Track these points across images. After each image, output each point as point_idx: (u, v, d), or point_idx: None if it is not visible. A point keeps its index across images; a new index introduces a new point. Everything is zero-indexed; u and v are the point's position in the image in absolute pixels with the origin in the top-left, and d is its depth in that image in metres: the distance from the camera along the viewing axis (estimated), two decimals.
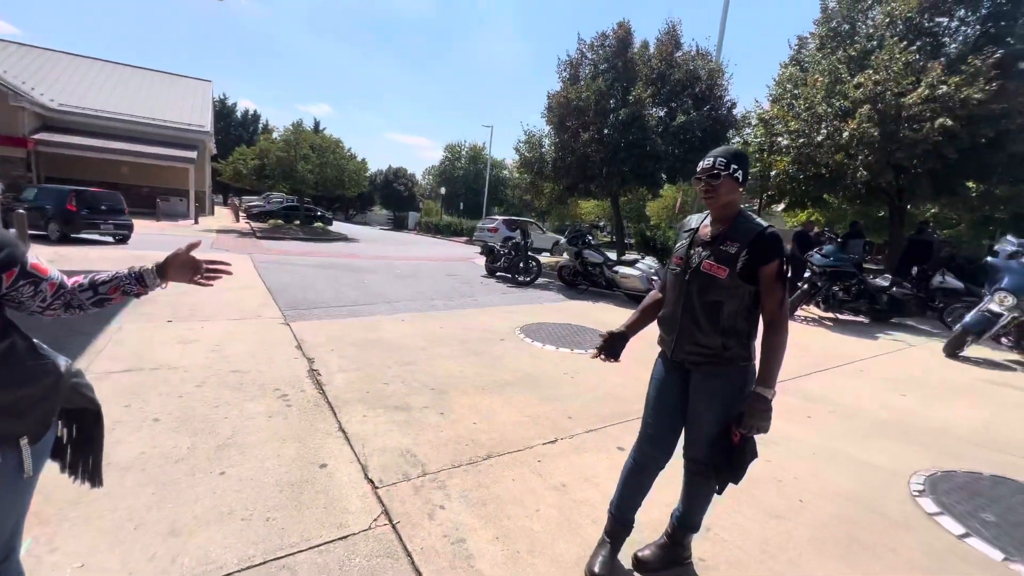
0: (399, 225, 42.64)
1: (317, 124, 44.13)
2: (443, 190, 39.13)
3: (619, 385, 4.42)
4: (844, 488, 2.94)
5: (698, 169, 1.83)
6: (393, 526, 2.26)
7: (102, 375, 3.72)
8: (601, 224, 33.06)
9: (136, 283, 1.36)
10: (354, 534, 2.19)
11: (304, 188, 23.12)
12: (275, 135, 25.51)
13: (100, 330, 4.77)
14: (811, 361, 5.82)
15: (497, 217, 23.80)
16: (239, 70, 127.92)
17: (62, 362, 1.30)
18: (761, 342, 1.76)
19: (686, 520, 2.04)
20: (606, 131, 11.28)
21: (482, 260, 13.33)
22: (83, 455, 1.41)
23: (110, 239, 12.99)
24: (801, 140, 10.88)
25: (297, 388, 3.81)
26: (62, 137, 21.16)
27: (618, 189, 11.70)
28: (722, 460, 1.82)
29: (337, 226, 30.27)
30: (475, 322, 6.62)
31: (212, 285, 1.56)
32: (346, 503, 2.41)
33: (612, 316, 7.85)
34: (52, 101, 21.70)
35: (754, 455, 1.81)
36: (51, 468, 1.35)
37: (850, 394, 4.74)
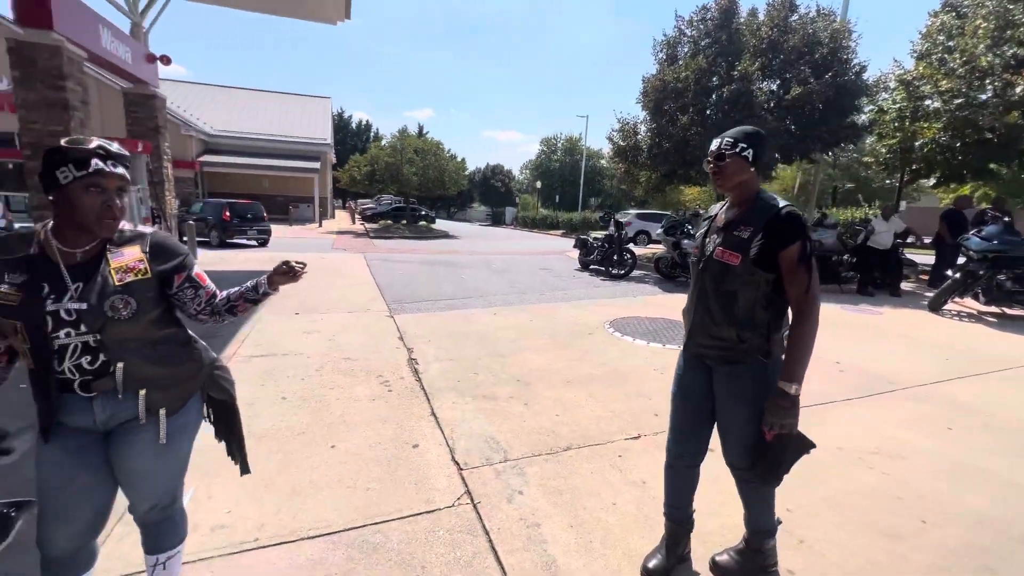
0: (497, 220, 43.92)
1: (421, 128, 47.10)
2: (539, 184, 39.48)
3: None
4: (980, 511, 2.51)
5: (708, 152, 1.78)
6: (474, 505, 2.43)
7: (246, 359, 4.44)
8: (703, 211, 31.00)
9: (254, 292, 1.62)
10: (439, 509, 2.40)
11: (409, 190, 24.89)
12: (383, 142, 27.78)
13: (245, 320, 5.66)
14: (962, 364, 4.96)
15: (631, 211, 23.74)
16: (353, 84, 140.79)
17: (209, 355, 1.62)
18: (789, 333, 1.62)
19: (751, 524, 1.92)
20: (708, 112, 10.54)
21: (574, 254, 13.28)
22: (229, 441, 1.73)
23: (254, 243, 15.21)
24: (957, 101, 9.17)
25: (397, 375, 4.20)
26: (219, 158, 25.18)
27: None
28: (760, 460, 1.70)
29: (440, 224, 32.13)
30: (565, 315, 6.67)
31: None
32: (434, 481, 2.64)
33: None
34: (211, 128, 25.87)
35: (799, 451, 1.68)
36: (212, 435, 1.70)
37: (1010, 405, 3.97)
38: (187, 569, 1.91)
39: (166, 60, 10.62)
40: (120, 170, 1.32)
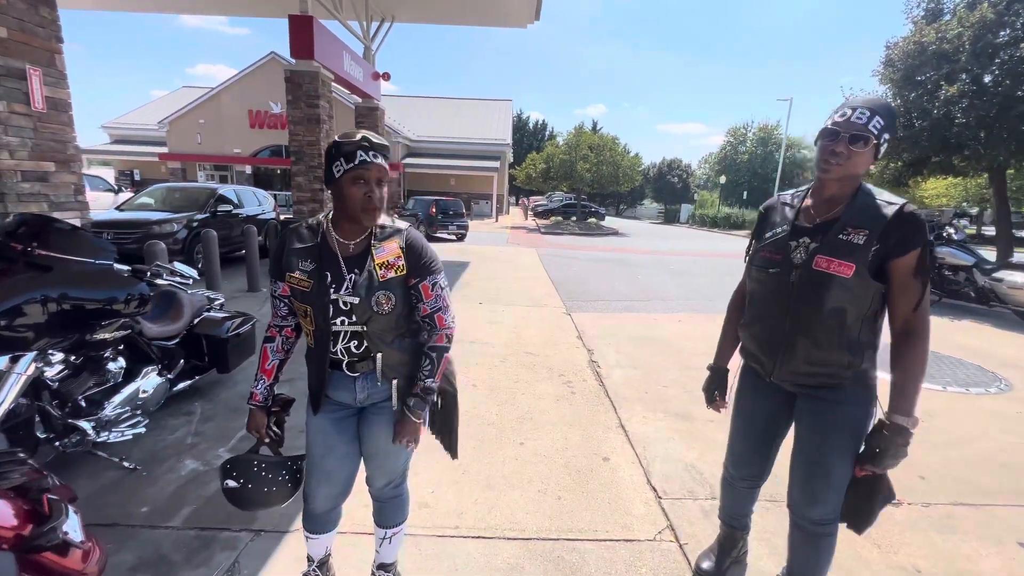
0: (670, 218, 41.35)
1: (595, 125, 46.81)
2: (723, 179, 35.74)
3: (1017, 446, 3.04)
4: None
5: (834, 122, 1.35)
6: (680, 546, 2.10)
7: None
8: (965, 212, 24.18)
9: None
10: (639, 540, 2.13)
11: (582, 186, 24.93)
12: (559, 140, 28.33)
13: None
14: None
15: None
16: (529, 85, 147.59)
17: None
18: (894, 357, 1.38)
19: None
20: (989, 78, 7.94)
21: None
22: (444, 427, 1.73)
23: (453, 237, 16.29)
24: None
25: (579, 377, 4.04)
26: (418, 160, 28.83)
27: (1008, 159, 8.00)
28: (848, 506, 1.48)
29: (608, 221, 31.54)
30: None
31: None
32: (629, 505, 2.38)
33: (984, 342, 5.55)
34: (413, 134, 29.73)
35: (889, 498, 1.43)
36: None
37: None
38: None
39: (387, 77, 12.39)
40: (380, 160, 1.33)
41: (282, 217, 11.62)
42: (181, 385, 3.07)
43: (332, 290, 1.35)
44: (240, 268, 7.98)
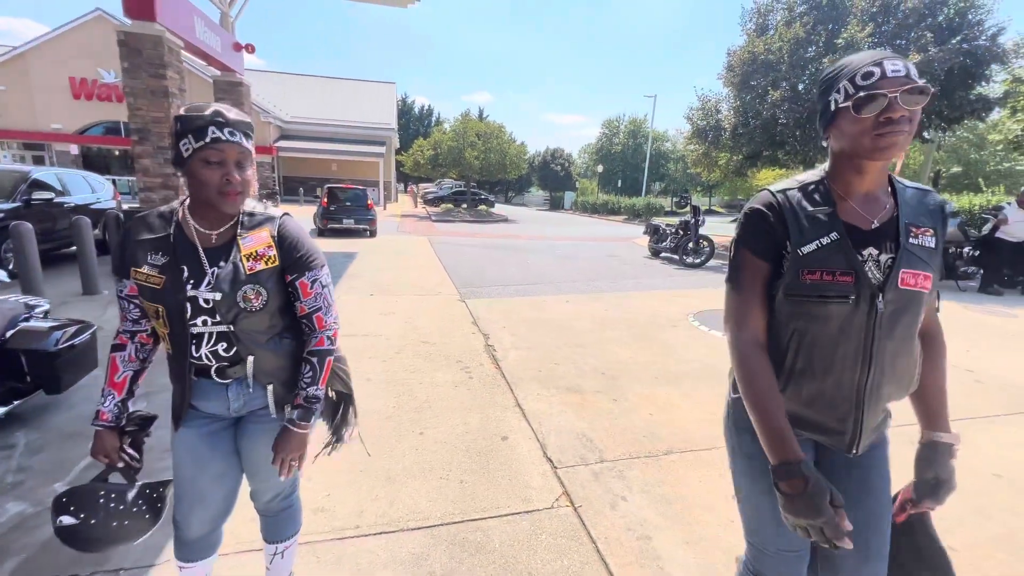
0: (555, 205, 43.33)
1: (481, 112, 47.05)
2: (600, 168, 38.39)
3: None
4: None
5: (885, 71, 0.93)
6: (575, 509, 2.27)
7: None
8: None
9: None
10: (538, 510, 2.25)
11: (471, 174, 25.00)
12: (446, 127, 27.98)
13: None
14: None
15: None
16: (414, 69, 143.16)
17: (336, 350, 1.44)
18: (927, 367, 1.13)
19: None
20: (802, 86, 9.57)
21: (643, 241, 12.72)
22: (340, 428, 1.61)
23: (360, 232, 13.32)
24: None
25: (476, 362, 4.10)
26: (293, 143, 26.43)
27: (816, 155, 9.85)
28: (908, 556, 1.19)
29: (498, 208, 32.11)
30: (641, 306, 6.33)
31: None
32: (528, 478, 2.50)
33: None
34: (286, 115, 27.14)
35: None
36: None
37: None
38: None
39: (251, 48, 11.10)
40: (239, 138, 1.16)
41: (125, 206, 9.93)
42: None
43: (190, 286, 1.19)
44: (70, 267, 6.68)
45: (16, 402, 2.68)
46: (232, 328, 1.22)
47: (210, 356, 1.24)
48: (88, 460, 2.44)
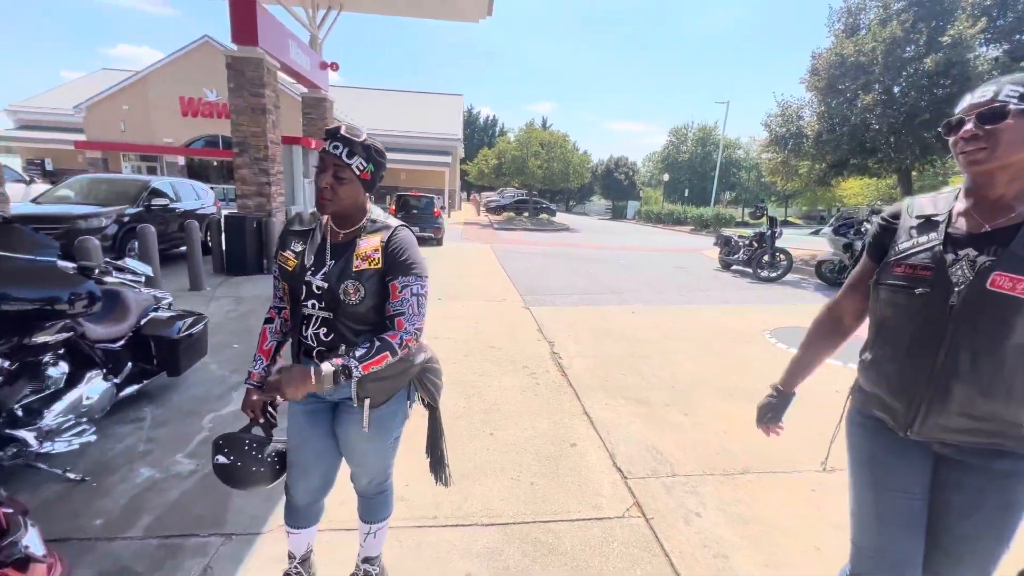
0: (617, 214, 42.61)
1: (544, 121, 47.43)
2: (666, 176, 37.27)
3: None
4: None
5: (963, 107, 1.08)
6: (647, 520, 2.25)
7: None
8: (879, 209, 26.53)
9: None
10: (609, 518, 2.25)
11: (533, 183, 25.23)
12: (510, 136, 28.50)
13: None
14: None
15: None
16: (480, 81, 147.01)
17: (423, 356, 1.56)
18: None
19: None
20: (897, 89, 8.83)
21: (713, 252, 12.22)
22: (431, 447, 1.72)
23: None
24: None
25: (542, 368, 4.15)
26: None
27: (913, 162, 8.98)
28: None
29: (559, 217, 32.10)
30: (712, 319, 6.11)
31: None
32: (598, 486, 2.50)
33: None
34: (362, 127, 28.86)
35: None
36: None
37: None
38: None
39: (335, 67, 11.96)
40: (339, 152, 1.30)
41: (224, 212, 11.00)
42: (128, 390, 2.89)
43: (310, 272, 1.37)
44: (178, 266, 7.50)
45: (145, 381, 3.07)
46: (332, 315, 1.36)
47: (313, 338, 1.39)
48: (204, 435, 2.75)
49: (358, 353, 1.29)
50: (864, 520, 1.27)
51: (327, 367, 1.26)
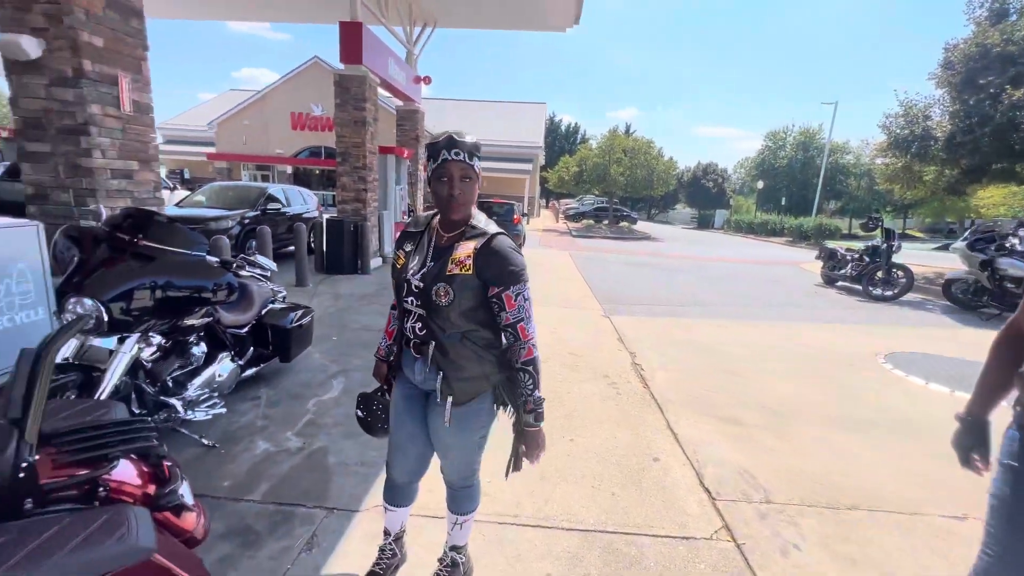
0: (704, 224, 40.51)
1: (628, 128, 46.44)
2: (760, 184, 34.75)
3: None
4: None
5: None
6: (738, 546, 2.11)
7: None
8: None
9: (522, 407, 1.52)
10: (695, 539, 2.15)
11: (615, 190, 24.79)
12: (592, 143, 28.27)
13: None
14: None
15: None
16: (563, 88, 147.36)
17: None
18: None
19: None
20: None
21: (814, 267, 11.20)
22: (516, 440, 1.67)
23: None
24: None
25: (623, 379, 4.06)
26: None
27: None
28: None
29: (640, 225, 31.20)
30: (813, 339, 5.60)
31: None
32: (683, 504, 2.40)
33: None
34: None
35: None
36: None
37: None
38: None
39: (428, 80, 12.67)
40: (462, 157, 1.36)
41: (325, 216, 12.04)
42: (249, 371, 3.27)
43: (411, 271, 1.47)
44: (284, 263, 8.31)
45: (262, 365, 3.44)
46: (425, 313, 1.45)
47: (411, 330, 1.51)
48: (309, 417, 3.03)
49: (528, 388, 1.47)
50: (999, 528, 1.12)
51: (528, 419, 1.49)
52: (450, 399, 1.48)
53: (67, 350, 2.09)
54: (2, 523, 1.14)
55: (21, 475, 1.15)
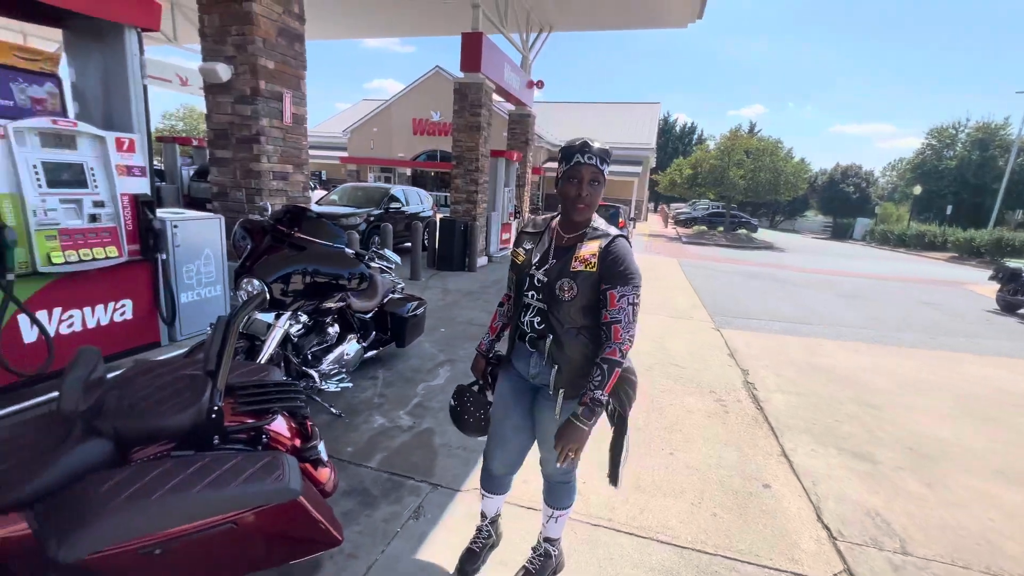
0: (840, 233, 35.85)
1: (752, 127, 42.71)
2: (917, 189, 29.67)
3: None
4: None
5: None
6: None
7: None
8: None
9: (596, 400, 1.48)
10: None
11: (733, 194, 22.98)
12: (709, 145, 26.49)
13: None
14: None
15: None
16: (679, 86, 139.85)
17: (627, 362, 1.55)
18: None
19: None
20: None
21: (988, 289, 9.35)
22: (613, 447, 1.69)
23: None
24: None
25: (733, 396, 3.79)
26: (554, 164, 29.35)
27: None
28: None
29: (762, 233, 28.53)
30: (980, 373, 4.71)
31: None
32: (796, 537, 2.19)
33: None
34: (555, 139, 30.37)
35: None
36: None
37: None
38: None
39: (541, 84, 12.89)
40: (593, 161, 1.44)
41: (439, 216, 12.89)
42: (370, 353, 3.64)
43: (534, 266, 1.56)
44: (401, 258, 9.05)
45: (380, 348, 3.82)
46: (546, 307, 1.52)
47: (528, 325, 1.58)
48: (417, 400, 3.30)
49: (596, 382, 1.42)
50: None
51: (578, 411, 1.43)
52: (562, 392, 1.54)
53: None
54: (199, 451, 1.43)
55: (213, 416, 1.44)
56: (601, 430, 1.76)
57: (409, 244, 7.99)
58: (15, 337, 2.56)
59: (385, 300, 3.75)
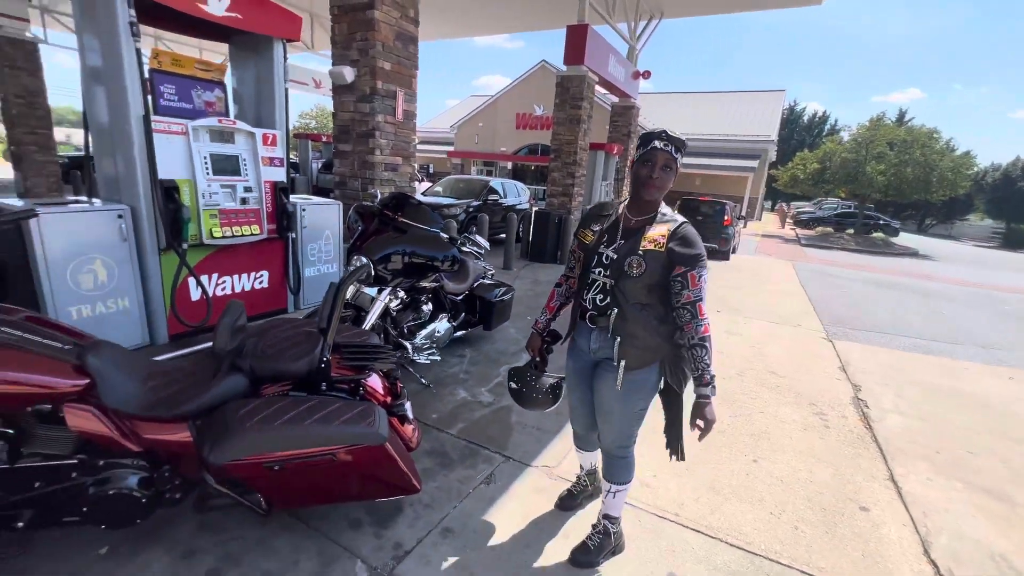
0: (1014, 242, 29.83)
1: (902, 115, 36.90)
2: None
3: None
4: None
5: None
6: None
7: None
8: None
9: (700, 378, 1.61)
10: None
11: (869, 192, 20.17)
12: (843, 136, 23.46)
13: None
14: None
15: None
16: (810, 72, 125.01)
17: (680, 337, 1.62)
18: None
19: None
20: None
21: None
22: (669, 427, 1.79)
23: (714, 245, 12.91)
24: None
25: (837, 412, 3.45)
26: None
27: None
28: None
29: (904, 237, 24.68)
30: None
31: None
32: (892, 566, 1.99)
33: None
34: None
35: None
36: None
37: None
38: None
39: (647, 75, 12.42)
40: (669, 148, 1.55)
41: (535, 208, 13.10)
42: (459, 333, 3.91)
43: (603, 245, 1.66)
44: (496, 248, 9.40)
45: (468, 329, 4.07)
46: (613, 283, 1.61)
47: (591, 302, 1.68)
48: (499, 379, 3.49)
49: (705, 360, 1.55)
50: None
51: (704, 391, 1.56)
52: (623, 363, 1.63)
53: (348, 293, 2.89)
54: (311, 394, 1.71)
55: (322, 366, 1.71)
56: (656, 419, 1.78)
57: (503, 235, 8.28)
58: (185, 295, 3.18)
59: (475, 284, 3.98)
